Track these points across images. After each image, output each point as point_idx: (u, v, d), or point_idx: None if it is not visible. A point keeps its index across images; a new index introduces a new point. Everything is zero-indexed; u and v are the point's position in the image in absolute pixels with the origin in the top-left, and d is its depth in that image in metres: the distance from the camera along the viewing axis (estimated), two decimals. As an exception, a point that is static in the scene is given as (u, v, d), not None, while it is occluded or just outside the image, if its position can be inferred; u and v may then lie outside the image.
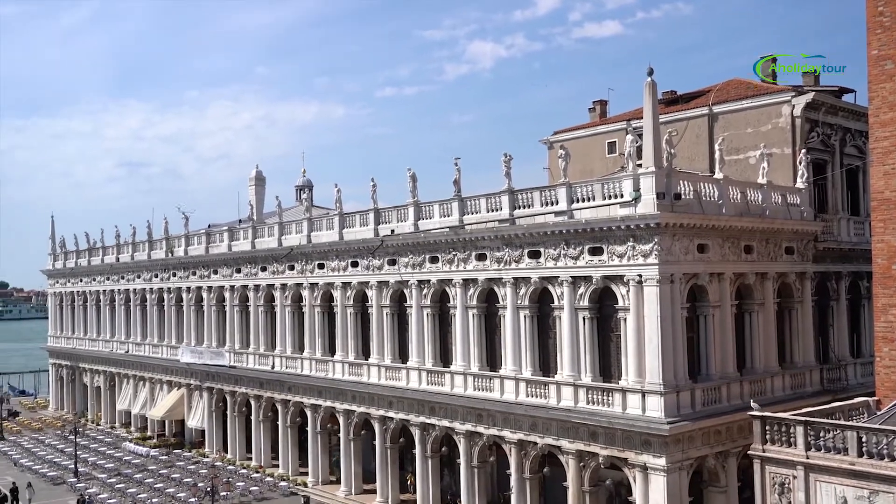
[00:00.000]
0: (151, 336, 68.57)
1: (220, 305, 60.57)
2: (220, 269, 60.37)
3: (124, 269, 73.29)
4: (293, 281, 53.04)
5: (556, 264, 37.00)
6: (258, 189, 69.85)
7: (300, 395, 51.82)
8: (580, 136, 51.54)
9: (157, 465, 57.76)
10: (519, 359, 38.75)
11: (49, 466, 58.16)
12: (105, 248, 77.81)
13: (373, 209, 47.34)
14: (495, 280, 39.96)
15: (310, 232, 51.85)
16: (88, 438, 67.47)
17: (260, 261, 56.15)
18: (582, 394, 35.65)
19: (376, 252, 46.28)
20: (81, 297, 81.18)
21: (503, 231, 39.03)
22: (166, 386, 66.14)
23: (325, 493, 49.09)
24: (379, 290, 46.51)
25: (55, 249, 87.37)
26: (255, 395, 55.88)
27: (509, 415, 38.44)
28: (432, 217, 43.79)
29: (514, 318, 38.96)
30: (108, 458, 60.67)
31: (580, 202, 36.50)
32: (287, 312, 53.75)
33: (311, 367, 51.12)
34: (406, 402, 44.03)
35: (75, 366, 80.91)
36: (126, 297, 72.81)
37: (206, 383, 60.89)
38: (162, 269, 67.63)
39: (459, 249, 41.58)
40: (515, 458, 38.36)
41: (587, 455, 35.52)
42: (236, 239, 59.62)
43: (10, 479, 54.03)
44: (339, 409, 48.73)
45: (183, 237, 65.36)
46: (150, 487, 51.15)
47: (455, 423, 41.28)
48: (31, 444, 66.70)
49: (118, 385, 73.26)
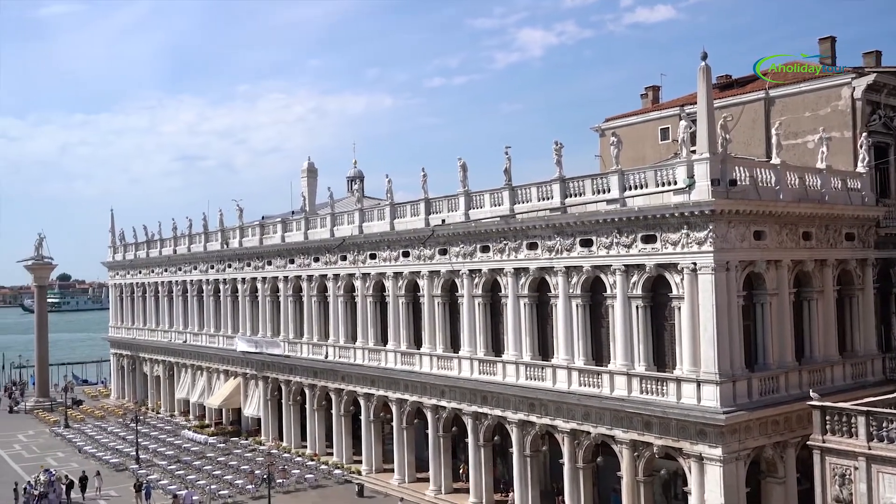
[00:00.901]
0: (208, 326, 69.93)
1: (275, 296, 61.46)
2: (274, 259, 61.22)
3: (181, 261, 74.83)
4: (345, 271, 53.53)
5: (608, 253, 36.66)
6: (310, 180, 70.55)
7: (353, 384, 52.35)
8: (632, 123, 50.94)
9: (214, 452, 58.99)
10: (571, 348, 38.54)
11: (112, 453, 59.81)
12: (163, 240, 79.54)
13: (423, 199, 47.46)
14: (547, 269, 39.76)
15: (361, 222, 52.23)
16: (149, 426, 69.18)
17: (313, 251, 56.78)
18: (635, 383, 35.31)
19: (427, 242, 46.42)
20: (140, 289, 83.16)
21: (554, 220, 38.79)
22: (223, 375, 67.43)
23: (378, 481, 49.56)
24: (430, 280, 46.67)
25: (115, 242, 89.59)
26: (310, 384, 56.63)
27: (562, 404, 38.29)
28: (483, 206, 43.73)
29: (565, 308, 38.73)
30: (168, 445, 62.17)
31: (633, 189, 36.05)
32: (340, 302, 54.30)
33: (364, 357, 51.58)
34: (458, 391, 44.17)
35: (135, 355, 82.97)
36: (183, 288, 74.36)
37: (261, 372, 61.92)
38: (217, 260, 68.87)
39: (510, 238, 41.46)
40: (568, 447, 38.21)
41: (641, 445, 35.20)
42: (289, 230, 60.38)
43: (75, 466, 55.77)
44: (391, 398, 49.11)
45: (237, 229, 66.45)
46: (209, 474, 52.29)
47: (507, 413, 41.27)
48: (94, 432, 68.66)
49: (177, 374, 74.94)
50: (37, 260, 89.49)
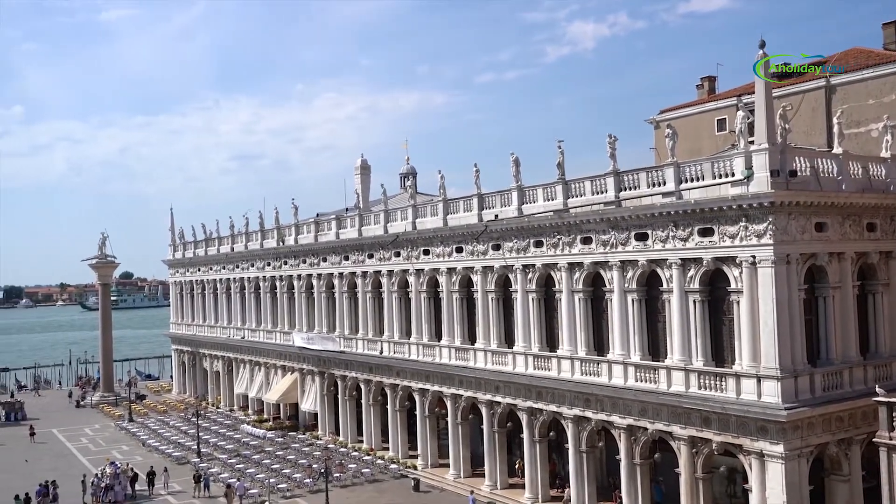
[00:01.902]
0: (265, 322, 71.03)
1: (330, 292, 62.12)
2: (329, 256, 61.86)
3: (239, 259, 76.13)
4: (399, 267, 53.81)
5: (664, 246, 36.15)
6: (363, 178, 71.11)
7: (408, 380, 52.63)
8: (688, 115, 50.10)
9: (273, 446, 59.93)
10: (627, 343, 38.12)
11: (174, 447, 61.21)
12: (220, 238, 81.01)
13: (476, 194, 47.42)
14: (601, 263, 39.39)
15: (414, 218, 52.44)
16: (209, 420, 70.61)
17: (367, 248, 57.21)
18: (693, 378, 34.77)
19: (480, 237, 46.38)
20: (200, 286, 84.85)
21: (609, 213, 38.40)
22: (280, 370, 68.43)
23: (434, 476, 49.76)
24: (484, 275, 46.63)
25: (175, 240, 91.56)
26: (365, 379, 57.11)
27: (618, 400, 37.92)
28: (536, 201, 43.50)
29: (621, 302, 38.32)
30: (228, 439, 63.36)
31: (689, 182, 35.47)
32: (394, 298, 54.61)
33: (418, 352, 51.82)
34: (513, 386, 44.07)
35: (196, 351, 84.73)
36: (241, 285, 75.65)
37: (318, 368, 62.66)
38: (274, 257, 69.88)
39: (564, 233, 41.17)
40: (625, 443, 37.84)
41: (700, 441, 34.67)
42: (343, 227, 60.93)
43: (139, 459, 57.22)
44: (446, 393, 49.25)
45: (293, 226, 67.31)
46: (268, 468, 53.15)
47: (563, 408, 41.04)
48: (157, 426, 70.34)
49: (236, 369, 76.31)
50: (100, 258, 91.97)
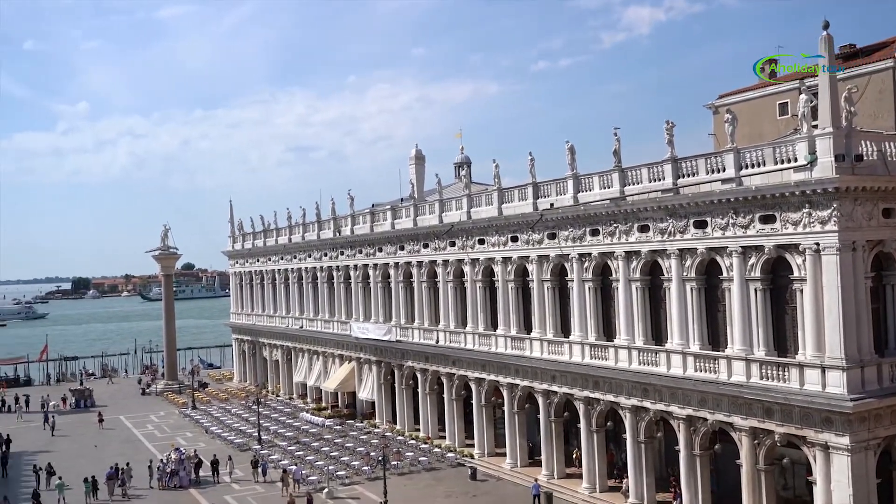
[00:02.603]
0: (323, 312, 71.91)
1: (386, 282, 62.55)
2: (385, 246, 62.27)
3: (296, 249, 77.16)
4: (454, 257, 53.89)
5: (724, 234, 35.46)
6: (418, 168, 71.20)
7: (464, 369, 52.75)
8: (748, 99, 48.94)
9: (331, 434, 60.74)
10: (686, 332, 37.56)
11: (235, 434, 62.47)
12: (278, 229, 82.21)
13: (531, 183, 47.16)
14: (659, 252, 38.85)
15: (469, 208, 52.41)
16: (269, 408, 71.86)
17: (422, 238, 57.41)
18: (755, 368, 34.10)
19: (536, 226, 46.14)
20: (259, 276, 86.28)
21: (666, 201, 37.81)
22: (338, 359, 69.24)
23: (491, 465, 49.85)
24: (539, 265, 46.40)
25: (234, 232, 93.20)
26: (421, 368, 57.42)
27: (677, 390, 37.42)
28: (592, 189, 43.07)
29: (679, 291, 37.76)
30: (288, 427, 64.40)
31: (749, 168, 34.68)
32: (449, 288, 54.73)
33: (474, 342, 51.88)
34: (569, 376, 43.83)
35: (255, 340, 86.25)
36: (299, 275, 76.69)
37: (374, 357, 63.22)
38: (330, 247, 70.63)
39: (621, 221, 40.70)
40: (684, 434, 37.33)
41: (762, 432, 34.01)
42: (399, 217, 61.25)
43: (202, 445, 58.56)
44: (502, 382, 49.23)
45: (349, 217, 67.92)
46: (326, 455, 53.91)
47: (620, 398, 40.68)
48: (219, 413, 71.85)
49: (294, 358, 77.47)
50: (163, 250, 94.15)
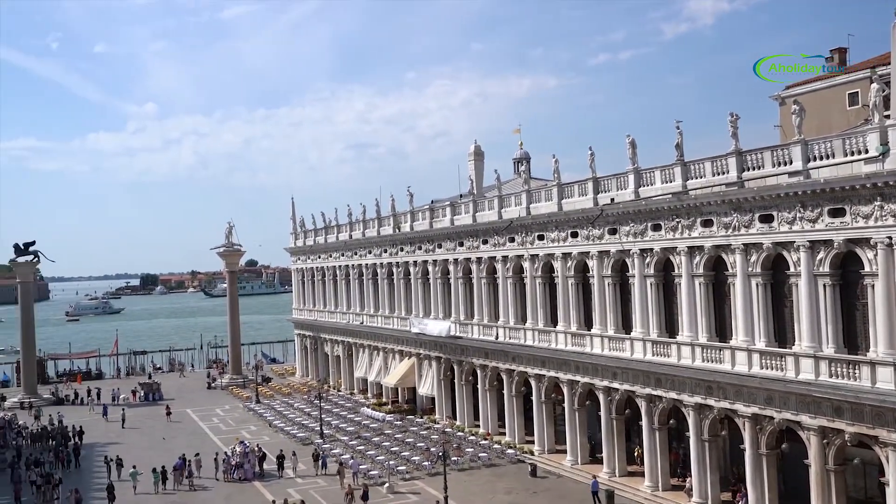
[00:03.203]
0: (383, 308, 72.47)
1: (445, 278, 62.73)
2: (444, 242, 62.43)
3: (356, 246, 77.91)
4: (514, 253, 53.74)
5: (790, 228, 34.59)
6: (477, 164, 71.21)
7: (524, 365, 52.59)
8: (816, 89, 47.62)
9: (392, 429, 61.19)
10: (751, 329, 36.77)
11: (298, 428, 63.41)
12: (339, 226, 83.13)
13: (591, 178, 46.72)
14: (723, 247, 38.10)
15: (529, 204, 52.19)
16: (331, 403, 72.73)
17: (481, 234, 57.40)
18: (823, 366, 33.20)
19: (596, 221, 45.70)
20: (320, 273, 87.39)
21: (731, 195, 37.04)
22: (398, 355, 69.72)
23: (551, 462, 49.61)
24: (600, 260, 45.96)
25: (296, 229, 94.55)
26: (481, 364, 57.43)
27: (742, 387, 36.66)
28: (654, 183, 42.47)
29: (744, 287, 36.98)
30: (349, 421, 65.12)
31: (817, 160, 33.76)
32: (509, 284, 54.61)
33: (533, 338, 51.67)
34: (631, 372, 43.33)
35: (317, 336, 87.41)
36: (359, 271, 77.43)
37: (434, 353, 63.46)
38: (390, 244, 71.12)
39: (683, 216, 40.03)
40: (749, 432, 36.56)
41: (831, 432, 33.10)
42: (458, 213, 61.32)
43: (266, 439, 59.64)
44: (562, 379, 48.93)
45: (408, 213, 68.28)
46: (387, 450, 54.35)
47: (683, 396, 40.05)
48: (282, 408, 73.01)
49: (355, 354, 78.28)
50: (227, 247, 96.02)
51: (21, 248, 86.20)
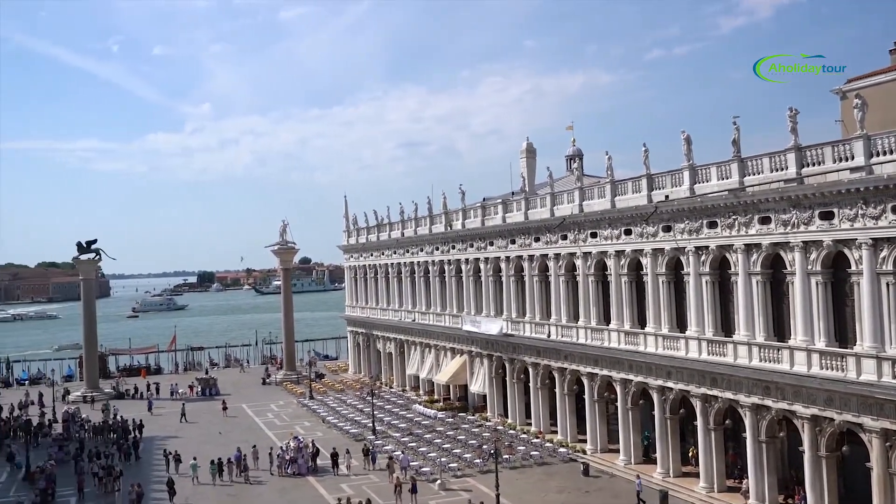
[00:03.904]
0: (434, 306, 72.69)
1: (497, 276, 62.64)
2: (496, 240, 62.34)
3: (408, 243, 78.27)
4: (566, 250, 53.41)
5: (852, 225, 33.70)
6: (529, 161, 70.90)
7: (576, 364, 52.24)
8: (880, 83, 46.19)
9: (443, 426, 61.35)
10: (811, 328, 35.94)
11: (350, 424, 63.98)
12: (391, 224, 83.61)
13: (645, 175, 46.17)
14: (781, 244, 37.31)
15: (581, 201, 51.80)
16: (383, 400, 73.25)
17: (533, 231, 57.16)
18: (886, 367, 32.29)
19: (650, 219, 45.16)
20: (373, 270, 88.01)
21: (790, 191, 36.24)
22: (450, 353, 69.86)
23: (604, 461, 49.21)
24: (654, 258, 45.41)
25: (349, 227, 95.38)
26: (533, 362, 57.22)
27: (800, 388, 35.87)
28: (709, 180, 41.79)
29: (804, 285, 36.15)
30: (401, 418, 65.48)
31: (881, 155, 32.83)
32: (561, 282, 54.30)
33: (586, 336, 51.29)
34: (685, 372, 42.73)
35: (370, 333, 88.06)
36: (411, 269, 77.79)
37: (485, 351, 63.43)
38: (442, 242, 71.29)
39: (740, 213, 39.31)
40: (808, 434, 35.75)
41: (894, 434, 32.17)
42: (510, 211, 61.17)
43: (319, 434, 60.32)
44: (615, 378, 48.49)
45: (460, 211, 68.35)
46: (439, 447, 54.52)
47: (739, 396, 39.34)
48: (335, 404, 73.76)
49: (407, 351, 78.68)
50: (281, 245, 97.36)
51: (83, 247, 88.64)
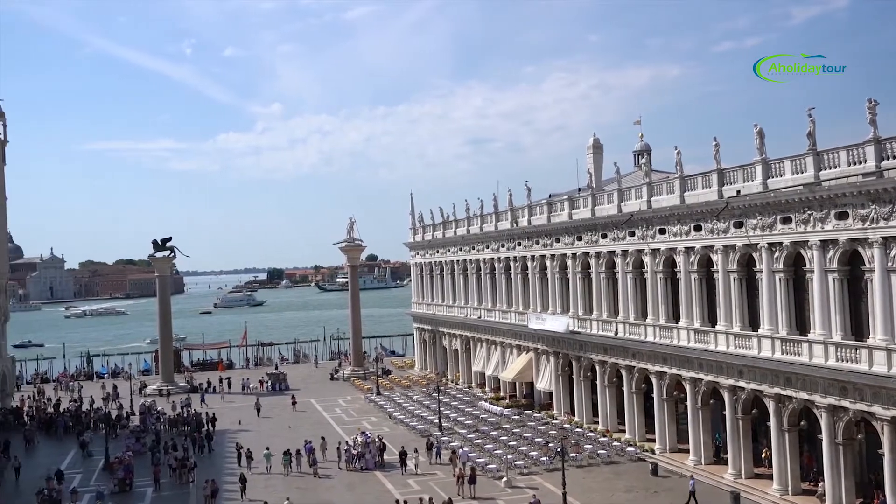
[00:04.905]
0: (500, 302, 72.58)
1: (563, 273, 62.19)
2: (562, 237, 61.89)
3: (474, 240, 78.32)
4: (634, 247, 52.70)
5: (936, 220, 32.40)
6: (595, 157, 70.20)
7: (644, 362, 51.53)
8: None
9: (509, 423, 61.22)
10: (891, 327, 34.68)
11: (417, 420, 64.40)
12: (456, 221, 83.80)
13: (716, 170, 45.21)
14: (860, 240, 36.09)
15: (649, 197, 51.04)
16: (449, 396, 73.45)
17: (600, 228, 56.57)
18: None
19: (720, 214, 44.21)
20: (438, 267, 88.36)
21: (869, 185, 35.01)
22: (515, 350, 69.68)
23: (673, 461, 48.44)
24: (724, 255, 44.46)
25: (414, 224, 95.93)
26: (600, 360, 56.66)
27: (880, 389, 34.67)
28: (783, 174, 40.67)
29: (883, 283, 34.90)
30: (467, 415, 65.59)
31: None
32: (629, 279, 53.61)
33: (654, 334, 50.55)
34: (758, 371, 41.73)
35: (436, 330, 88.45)
36: (476, 266, 77.81)
37: (552, 348, 63.07)
38: (507, 239, 71.12)
39: (815, 208, 38.16)
40: (889, 437, 34.54)
41: (981, 438, 30.86)
42: (576, 207, 60.66)
43: (386, 430, 60.88)
44: (685, 376, 47.66)
45: (526, 208, 68.09)
46: (505, 445, 54.43)
47: (814, 396, 38.23)
48: (401, 400, 74.32)
49: (473, 348, 78.76)
50: (349, 242, 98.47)
51: (159, 244, 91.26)
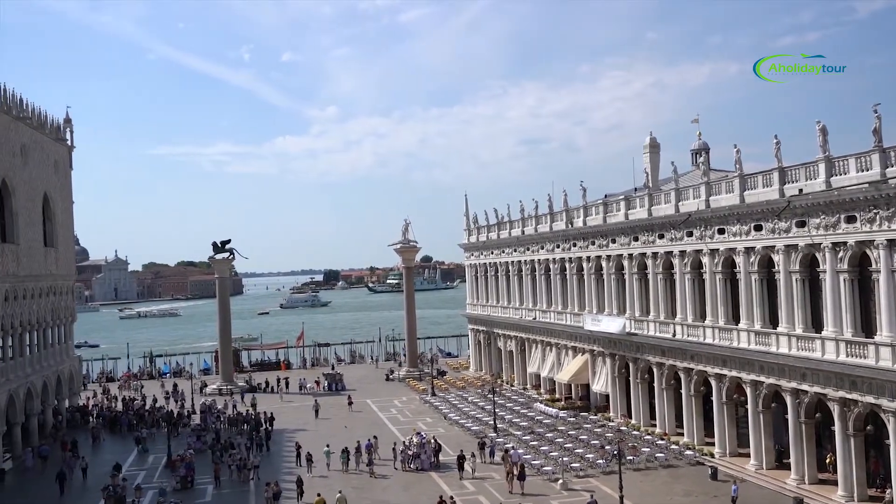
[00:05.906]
0: (556, 304, 72.13)
1: (619, 274, 61.51)
2: (618, 237, 61.23)
3: (529, 241, 78.01)
4: (692, 247, 51.86)
5: None
6: (652, 156, 69.32)
7: (703, 364, 50.66)
8: None
9: (565, 426, 60.80)
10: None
11: (472, 421, 64.38)
12: (511, 221, 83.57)
13: (777, 168, 44.22)
14: (929, 239, 34.94)
15: (708, 196, 50.17)
16: (504, 398, 73.22)
17: (657, 228, 55.81)
18: None
19: (782, 214, 43.23)
20: (493, 268, 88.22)
21: (938, 183, 33.89)
22: (571, 351, 69.16)
23: (733, 466, 47.50)
24: (786, 255, 43.45)
25: (469, 225, 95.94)
26: (657, 362, 55.88)
27: (952, 393, 33.48)
28: (847, 172, 39.59)
29: (954, 283, 33.71)
30: (522, 416, 65.34)
31: None
32: (686, 279, 52.78)
33: (713, 336, 49.66)
34: (821, 374, 40.68)
35: (490, 331, 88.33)
36: (531, 267, 77.48)
37: (608, 350, 62.44)
38: (563, 239, 70.65)
39: (882, 207, 37.05)
40: (961, 443, 33.34)
41: None
42: (632, 207, 59.95)
43: (441, 431, 61.00)
44: (745, 379, 46.71)
45: (581, 208, 67.55)
46: (560, 447, 54.07)
47: (882, 400, 37.09)
48: (456, 401, 74.37)
49: (528, 349, 78.43)
50: (403, 243, 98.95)
51: (218, 246, 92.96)
